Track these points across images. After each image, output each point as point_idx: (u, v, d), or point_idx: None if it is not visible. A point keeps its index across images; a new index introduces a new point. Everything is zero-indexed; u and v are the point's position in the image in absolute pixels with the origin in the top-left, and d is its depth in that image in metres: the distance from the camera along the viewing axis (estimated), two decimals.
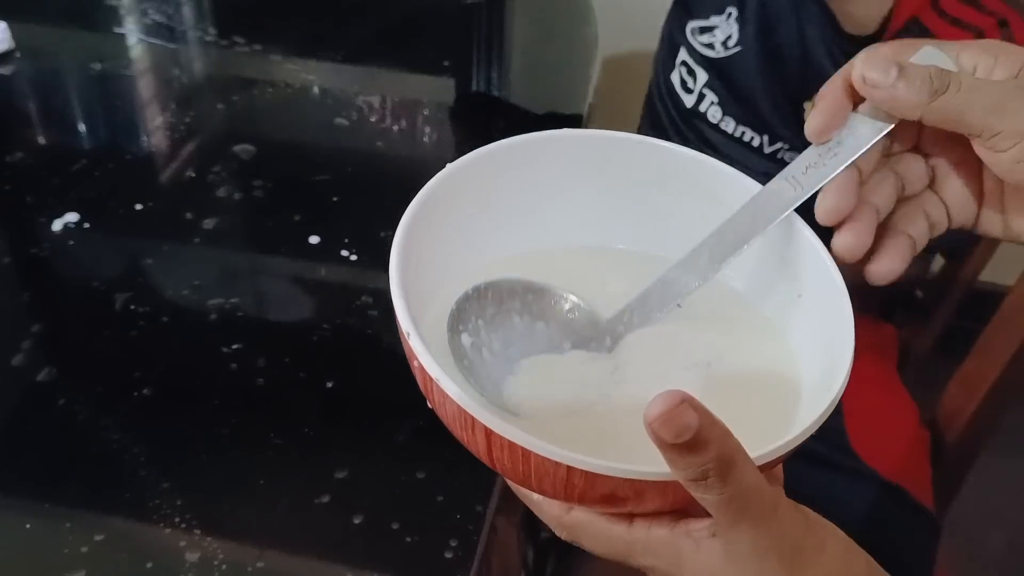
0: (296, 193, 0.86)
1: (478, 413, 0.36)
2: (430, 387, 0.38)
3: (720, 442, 0.32)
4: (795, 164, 0.43)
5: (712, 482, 0.33)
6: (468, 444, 0.39)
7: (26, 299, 0.79)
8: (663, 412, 0.31)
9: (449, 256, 0.46)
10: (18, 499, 0.63)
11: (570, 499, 0.38)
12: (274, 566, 0.60)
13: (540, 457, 0.35)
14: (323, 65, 1.09)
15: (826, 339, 0.42)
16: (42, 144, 0.96)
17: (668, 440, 0.32)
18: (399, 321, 0.39)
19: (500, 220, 0.48)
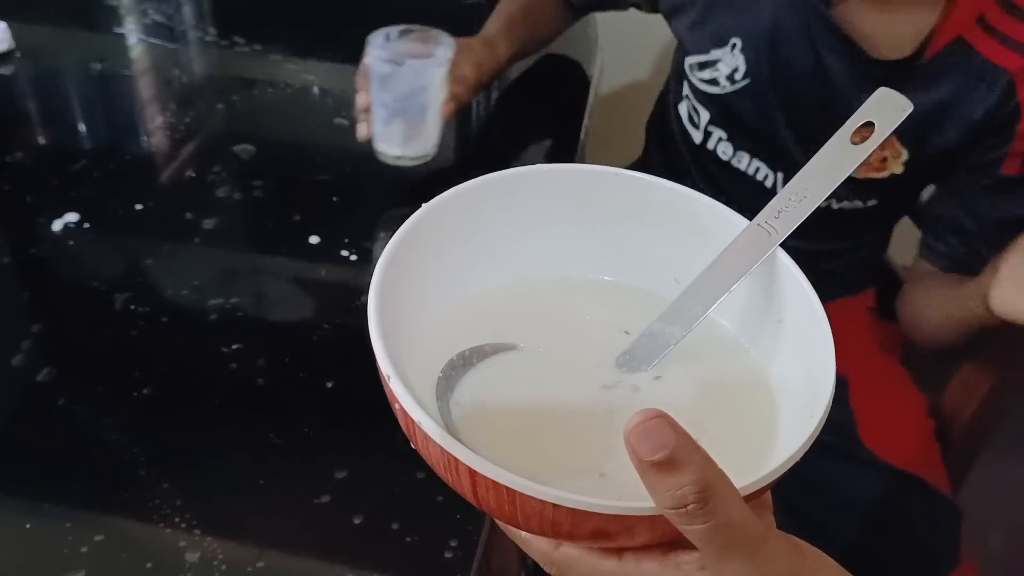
0: (296, 193, 0.86)
1: (461, 454, 0.36)
2: (412, 430, 0.38)
3: (699, 467, 0.32)
4: (767, 210, 0.44)
5: (694, 510, 0.32)
6: (454, 485, 0.38)
7: (26, 299, 0.79)
8: (639, 424, 0.31)
9: (431, 291, 0.46)
10: (18, 499, 0.63)
11: (558, 536, 0.37)
12: (274, 566, 0.59)
13: (525, 496, 0.35)
14: (323, 65, 1.09)
15: (808, 365, 0.42)
16: (42, 144, 0.96)
17: (644, 456, 0.31)
18: (379, 364, 0.39)
19: (483, 254, 0.48)
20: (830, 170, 0.44)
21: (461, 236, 0.48)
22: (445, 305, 0.47)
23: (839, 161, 0.44)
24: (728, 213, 0.47)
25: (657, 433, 0.31)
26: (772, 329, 0.46)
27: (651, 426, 0.31)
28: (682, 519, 0.33)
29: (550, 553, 0.40)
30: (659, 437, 0.31)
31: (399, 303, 0.43)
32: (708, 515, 0.32)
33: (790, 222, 0.43)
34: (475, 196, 0.47)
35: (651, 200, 0.48)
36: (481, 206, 0.48)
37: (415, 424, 0.37)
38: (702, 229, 0.47)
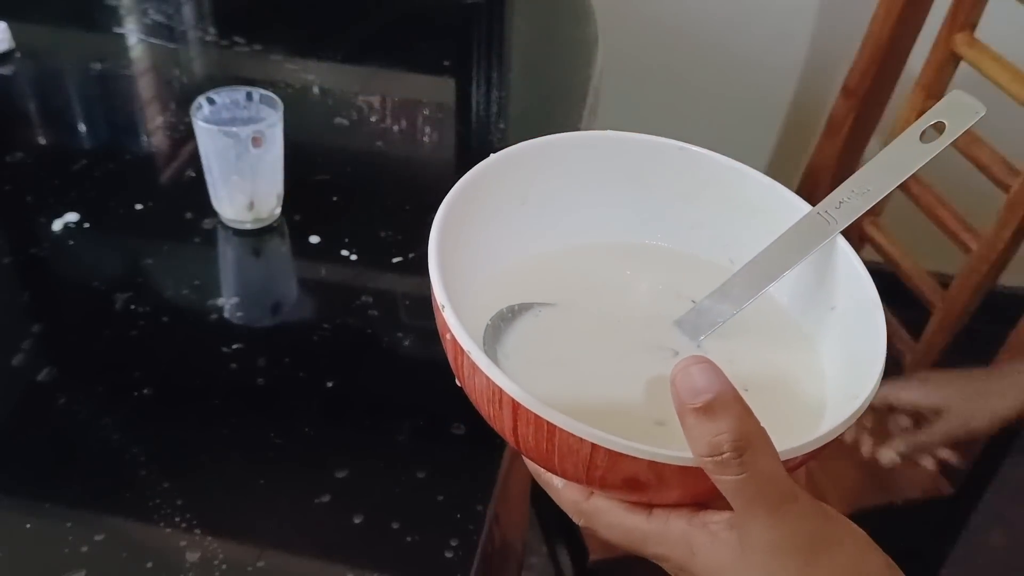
0: (296, 193, 0.86)
1: (507, 386, 0.36)
2: (460, 360, 0.38)
3: (739, 416, 0.32)
4: (829, 199, 0.45)
5: (728, 459, 0.32)
6: (493, 419, 0.39)
7: (26, 299, 0.79)
8: (684, 367, 0.32)
9: (486, 245, 0.47)
10: (18, 499, 0.63)
11: (592, 482, 0.38)
12: (274, 566, 0.59)
13: (565, 433, 0.35)
14: (323, 65, 1.09)
15: (856, 350, 0.42)
16: (42, 144, 0.96)
17: (686, 399, 0.32)
18: (434, 293, 0.39)
19: (539, 214, 0.49)
20: (896, 166, 0.44)
21: (517, 195, 0.48)
22: (498, 261, 0.48)
23: (906, 158, 0.44)
24: (789, 196, 0.47)
25: (701, 377, 0.32)
26: (824, 314, 0.46)
27: (695, 370, 0.32)
28: (716, 467, 0.33)
29: (580, 503, 0.40)
30: (703, 381, 0.32)
31: (455, 248, 0.43)
32: (743, 466, 0.33)
33: (850, 213, 0.44)
34: (533, 156, 0.48)
35: (712, 176, 0.49)
36: (538, 167, 0.48)
37: (464, 354, 0.37)
38: (761, 210, 0.47)
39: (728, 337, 0.45)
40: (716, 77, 1.63)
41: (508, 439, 0.39)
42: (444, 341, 0.40)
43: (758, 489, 0.34)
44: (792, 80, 1.63)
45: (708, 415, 0.32)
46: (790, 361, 0.46)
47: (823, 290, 0.46)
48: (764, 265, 0.45)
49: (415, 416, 0.69)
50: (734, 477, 0.33)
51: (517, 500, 0.74)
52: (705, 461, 0.33)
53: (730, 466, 0.33)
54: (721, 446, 0.32)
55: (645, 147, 0.49)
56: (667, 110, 1.68)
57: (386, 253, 0.83)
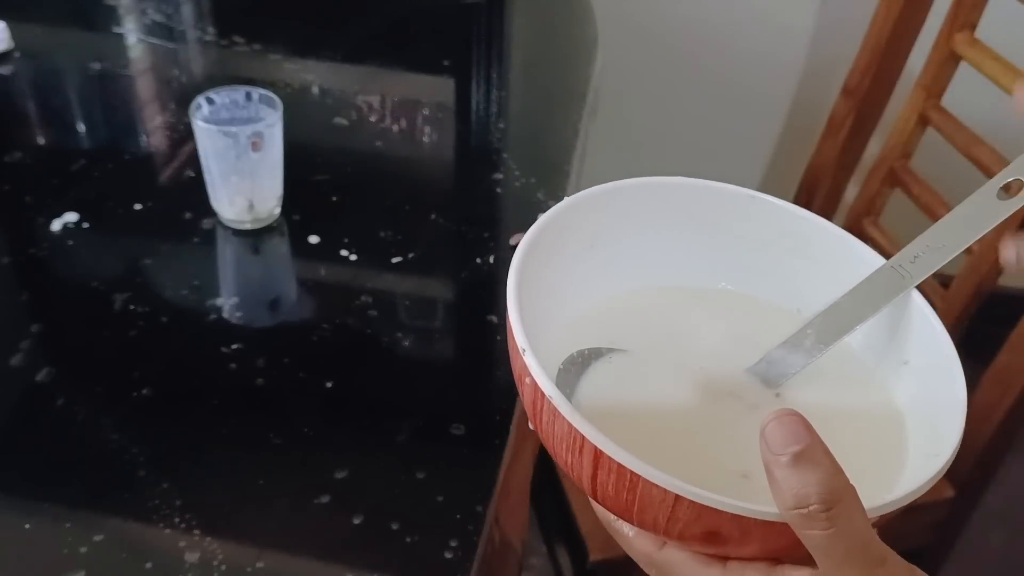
0: (296, 193, 0.86)
1: (589, 433, 0.35)
2: (540, 405, 0.38)
3: (828, 472, 0.32)
4: (903, 253, 0.45)
5: (816, 512, 0.32)
6: (571, 467, 0.38)
7: (25, 299, 0.79)
8: (775, 418, 0.32)
9: (556, 290, 0.47)
10: (17, 499, 0.63)
11: (669, 534, 0.37)
12: (274, 566, 0.59)
13: (649, 484, 0.35)
14: (323, 65, 1.09)
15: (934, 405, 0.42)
16: (41, 144, 0.96)
17: (776, 449, 0.32)
18: (515, 338, 0.39)
19: (606, 259, 0.49)
20: (972, 222, 0.44)
21: (586, 239, 0.48)
22: (567, 306, 0.48)
23: (983, 214, 0.44)
24: (860, 248, 0.47)
25: (792, 429, 0.32)
26: (897, 367, 0.46)
27: (787, 421, 0.32)
28: (803, 522, 0.32)
29: (652, 554, 0.40)
30: (793, 433, 0.31)
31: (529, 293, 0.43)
32: (831, 520, 0.32)
33: (925, 268, 0.44)
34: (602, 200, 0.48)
35: (783, 226, 0.49)
36: (608, 211, 0.48)
37: (545, 399, 0.37)
38: (831, 260, 0.47)
39: (804, 386, 0.45)
40: (716, 77, 1.63)
41: (585, 487, 0.38)
42: (522, 385, 0.39)
43: (848, 548, 0.33)
44: (792, 80, 1.63)
45: (797, 467, 0.32)
46: (867, 412, 0.46)
47: (897, 343, 0.46)
48: (837, 317, 0.45)
49: (415, 416, 0.69)
50: (822, 532, 0.32)
51: (517, 500, 0.74)
52: (792, 514, 0.32)
53: (818, 520, 0.32)
54: (809, 498, 0.32)
55: (714, 194, 0.49)
56: (667, 110, 1.68)
57: (386, 253, 0.83)
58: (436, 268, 0.84)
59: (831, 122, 1.25)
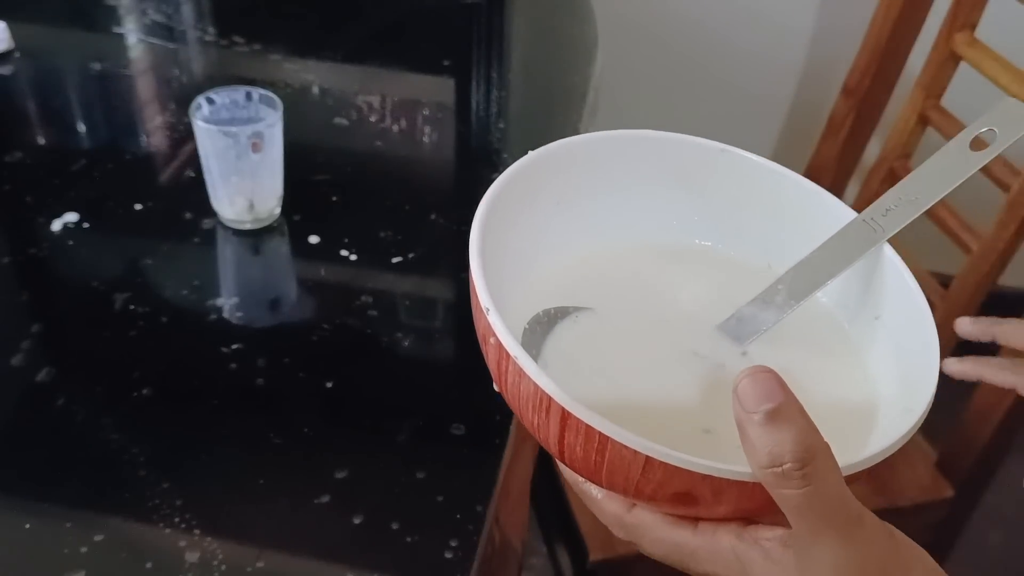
0: (296, 193, 0.86)
1: (556, 394, 0.34)
2: (505, 365, 0.36)
3: (803, 429, 0.31)
4: (875, 206, 0.44)
5: (790, 470, 0.31)
6: (537, 429, 0.37)
7: (25, 299, 0.79)
8: (748, 375, 0.31)
9: (521, 248, 0.46)
10: (18, 499, 0.63)
11: (639, 496, 0.36)
12: (274, 566, 0.59)
13: (618, 445, 0.34)
14: (323, 65, 1.09)
15: (908, 361, 0.41)
16: (41, 144, 0.96)
17: (749, 407, 0.31)
18: (478, 297, 0.38)
19: (573, 216, 0.48)
20: (945, 175, 0.43)
21: (551, 196, 0.47)
22: (532, 265, 0.46)
23: (955, 166, 0.43)
24: (833, 202, 0.46)
25: (765, 386, 0.31)
26: (869, 323, 0.45)
27: (760, 378, 0.31)
28: (777, 480, 0.31)
29: (622, 516, 0.39)
30: (767, 390, 0.31)
31: (494, 251, 0.42)
32: (806, 479, 0.31)
33: (897, 221, 0.43)
34: (566, 155, 0.47)
35: (755, 180, 0.48)
36: (572, 166, 0.47)
37: (511, 359, 0.36)
38: (802, 215, 0.47)
39: (773, 343, 0.44)
40: (716, 77, 1.63)
41: (552, 449, 0.37)
42: (486, 346, 0.38)
43: (823, 507, 0.32)
44: (792, 80, 1.63)
45: (771, 425, 0.31)
46: (838, 370, 0.45)
47: (869, 298, 0.45)
48: (808, 272, 0.44)
49: (415, 416, 0.69)
50: (796, 491, 0.31)
51: (517, 500, 0.74)
52: (765, 473, 0.32)
53: (792, 479, 0.31)
54: (783, 457, 0.31)
55: (684, 147, 0.48)
56: (667, 110, 1.68)
57: (386, 253, 0.83)
58: (436, 268, 0.84)
59: (831, 122, 1.25)
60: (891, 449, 0.35)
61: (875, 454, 0.34)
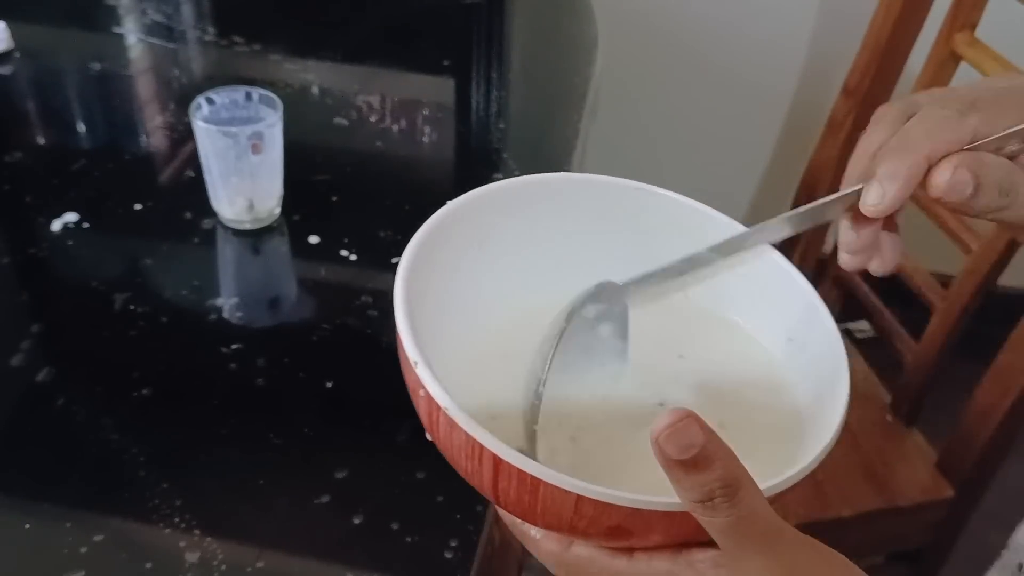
0: (296, 193, 0.86)
1: (487, 441, 0.36)
2: (436, 416, 0.38)
3: (725, 462, 0.33)
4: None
5: (719, 503, 0.33)
6: (471, 475, 0.38)
7: (25, 299, 0.79)
8: (668, 425, 0.32)
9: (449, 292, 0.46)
10: (18, 499, 0.63)
11: (574, 532, 0.38)
12: (274, 566, 0.59)
13: (550, 487, 0.35)
14: (323, 65, 1.09)
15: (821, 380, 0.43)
16: (41, 144, 0.96)
17: (674, 455, 0.32)
18: (406, 352, 0.39)
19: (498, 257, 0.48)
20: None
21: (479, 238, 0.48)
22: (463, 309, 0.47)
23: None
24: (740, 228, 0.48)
25: (686, 433, 0.32)
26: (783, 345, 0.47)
27: (680, 427, 0.32)
28: (707, 512, 0.33)
29: (560, 554, 0.40)
30: (688, 436, 0.32)
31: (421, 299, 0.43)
32: (733, 507, 0.33)
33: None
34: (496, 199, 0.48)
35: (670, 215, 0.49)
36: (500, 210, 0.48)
37: (441, 411, 0.37)
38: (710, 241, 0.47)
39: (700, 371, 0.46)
40: (716, 77, 1.63)
41: (488, 494, 0.39)
42: (416, 397, 0.39)
43: (748, 528, 0.34)
44: (792, 80, 1.63)
45: (698, 467, 0.32)
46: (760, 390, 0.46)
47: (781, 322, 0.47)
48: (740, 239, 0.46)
49: (415, 416, 0.69)
50: (725, 519, 0.33)
51: None
52: (696, 507, 0.34)
53: (720, 510, 0.33)
54: (713, 492, 0.33)
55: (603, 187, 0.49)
56: (667, 110, 1.68)
57: (386, 253, 0.83)
58: None
59: (831, 122, 1.25)
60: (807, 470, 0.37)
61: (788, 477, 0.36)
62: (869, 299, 1.25)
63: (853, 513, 1.09)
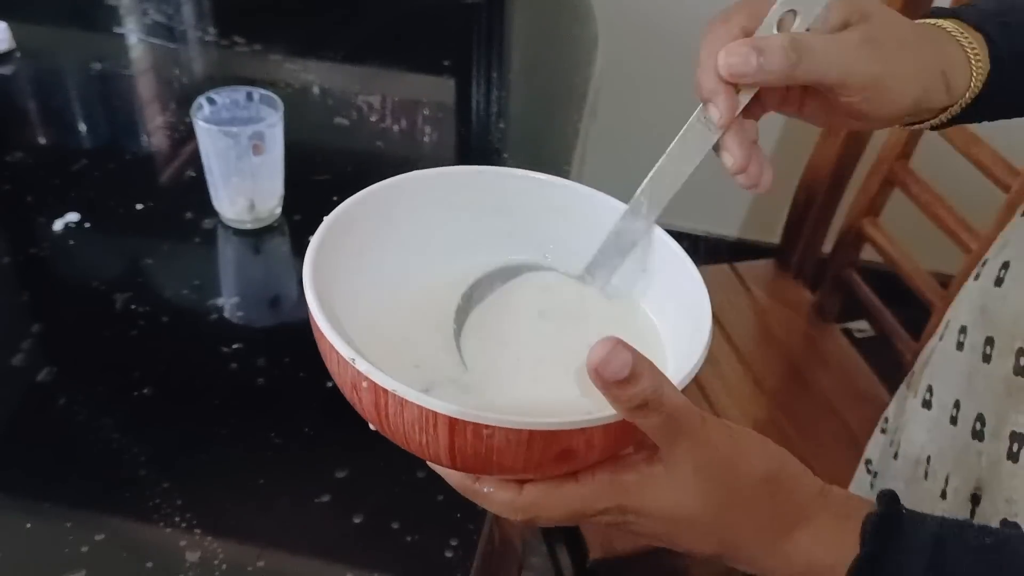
0: (297, 193, 0.86)
1: (440, 407, 0.38)
2: (383, 402, 0.40)
3: (649, 371, 0.37)
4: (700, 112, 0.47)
5: (652, 406, 0.38)
6: (428, 447, 0.40)
7: (26, 299, 0.79)
8: (603, 356, 0.36)
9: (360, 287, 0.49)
10: (19, 499, 0.63)
11: (527, 468, 0.40)
12: (274, 565, 0.60)
13: (504, 431, 0.38)
14: (323, 65, 1.09)
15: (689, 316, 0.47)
16: (43, 144, 0.96)
17: (611, 377, 0.37)
18: (338, 351, 0.41)
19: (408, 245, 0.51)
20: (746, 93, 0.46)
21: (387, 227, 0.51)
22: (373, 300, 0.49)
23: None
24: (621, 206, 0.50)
25: (618, 357, 0.37)
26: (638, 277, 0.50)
27: (613, 353, 0.36)
28: (643, 416, 0.38)
29: (513, 500, 0.43)
30: (619, 358, 0.37)
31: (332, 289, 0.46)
32: (662, 407, 0.38)
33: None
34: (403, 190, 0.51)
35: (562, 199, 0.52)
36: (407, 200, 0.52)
37: (388, 393, 0.39)
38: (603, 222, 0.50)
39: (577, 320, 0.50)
40: None
41: (443, 460, 0.41)
42: (359, 392, 0.41)
43: (676, 421, 0.39)
44: None
45: (631, 382, 0.37)
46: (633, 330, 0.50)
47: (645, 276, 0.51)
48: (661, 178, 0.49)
49: None
50: (657, 418, 0.38)
51: None
52: (633, 415, 0.38)
53: (653, 410, 0.38)
54: (645, 399, 0.38)
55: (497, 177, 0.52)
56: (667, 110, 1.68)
57: None
58: None
59: None
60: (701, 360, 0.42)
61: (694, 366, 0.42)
62: (869, 299, 1.25)
63: None
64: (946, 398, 0.64)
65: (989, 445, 0.58)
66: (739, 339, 1.27)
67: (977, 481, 0.59)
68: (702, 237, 1.87)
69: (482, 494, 0.44)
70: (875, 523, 0.42)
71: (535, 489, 0.42)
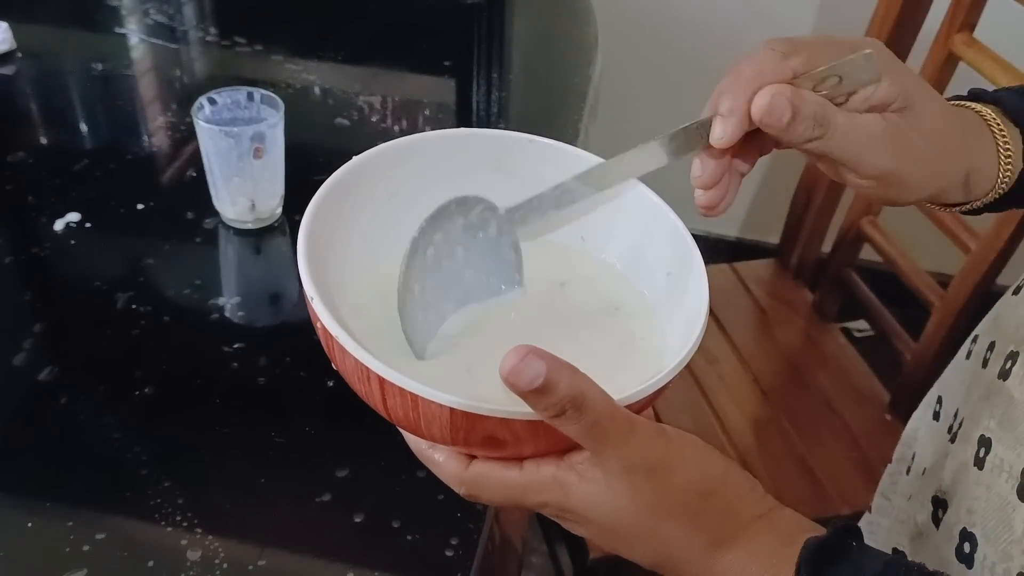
0: (297, 193, 0.87)
1: (371, 363, 0.39)
2: (332, 345, 0.41)
3: (568, 380, 0.37)
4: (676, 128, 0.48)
5: (571, 414, 0.38)
6: (367, 396, 0.42)
7: (28, 299, 0.79)
8: (514, 366, 0.37)
9: (357, 240, 0.50)
10: (20, 498, 0.63)
11: (456, 443, 0.42)
12: (275, 565, 0.60)
13: (426, 401, 0.39)
14: (324, 65, 1.09)
15: (688, 310, 0.47)
16: (44, 144, 0.96)
17: (523, 388, 0.37)
18: (304, 287, 0.42)
19: (407, 207, 0.51)
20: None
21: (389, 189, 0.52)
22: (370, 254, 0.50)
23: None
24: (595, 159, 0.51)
25: (529, 367, 0.37)
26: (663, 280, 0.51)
27: (524, 363, 0.37)
28: (563, 423, 0.39)
29: (461, 473, 0.44)
30: (531, 370, 0.37)
31: (328, 243, 0.47)
32: (582, 416, 0.38)
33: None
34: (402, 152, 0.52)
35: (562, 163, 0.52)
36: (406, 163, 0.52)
37: (333, 339, 0.41)
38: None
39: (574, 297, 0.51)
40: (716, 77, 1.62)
41: (383, 413, 0.43)
42: (317, 330, 0.43)
43: (602, 429, 0.39)
44: None
45: (545, 392, 0.37)
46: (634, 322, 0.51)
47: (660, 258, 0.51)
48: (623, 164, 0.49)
49: None
50: (577, 424, 0.38)
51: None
52: (553, 420, 0.39)
53: (572, 419, 0.38)
54: (563, 408, 0.38)
55: (500, 140, 0.53)
56: (667, 110, 1.68)
57: None
58: None
59: None
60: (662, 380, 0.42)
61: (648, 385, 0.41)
62: (869, 299, 1.25)
63: (852, 511, 1.09)
64: (950, 408, 0.63)
65: (959, 447, 0.57)
66: (739, 339, 1.27)
67: (944, 485, 0.58)
68: (702, 237, 1.87)
69: (433, 460, 0.46)
70: (812, 550, 0.42)
71: (481, 467, 0.44)
